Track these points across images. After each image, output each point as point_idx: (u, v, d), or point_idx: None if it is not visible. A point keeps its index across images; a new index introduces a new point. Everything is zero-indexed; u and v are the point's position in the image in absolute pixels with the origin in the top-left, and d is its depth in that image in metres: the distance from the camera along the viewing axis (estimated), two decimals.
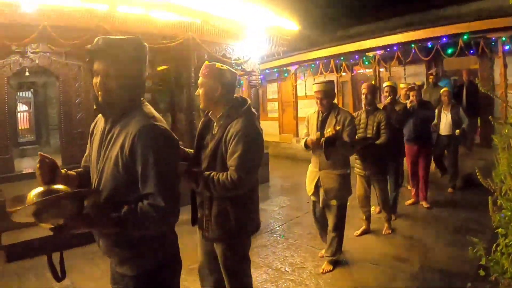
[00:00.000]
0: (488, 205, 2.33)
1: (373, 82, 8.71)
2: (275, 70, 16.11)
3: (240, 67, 10.08)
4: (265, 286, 4.73)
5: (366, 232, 6.27)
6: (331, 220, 5.06)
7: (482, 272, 2.31)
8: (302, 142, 5.16)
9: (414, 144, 7.63)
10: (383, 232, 6.28)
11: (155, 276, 2.27)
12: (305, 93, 14.95)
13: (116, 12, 7.12)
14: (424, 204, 7.72)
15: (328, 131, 4.60)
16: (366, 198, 6.22)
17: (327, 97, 4.96)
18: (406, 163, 7.78)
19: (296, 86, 15.58)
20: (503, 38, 9.25)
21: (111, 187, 2.14)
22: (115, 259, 2.30)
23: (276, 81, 17.99)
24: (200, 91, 3.06)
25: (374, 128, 5.94)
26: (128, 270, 2.25)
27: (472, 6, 10.11)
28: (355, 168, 6.11)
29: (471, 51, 10.07)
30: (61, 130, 10.08)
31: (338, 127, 4.61)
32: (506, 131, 2.15)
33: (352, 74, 14.16)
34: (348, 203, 5.12)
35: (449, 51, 10.29)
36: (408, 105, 7.34)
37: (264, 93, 19.41)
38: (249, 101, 3.14)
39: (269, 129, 16.29)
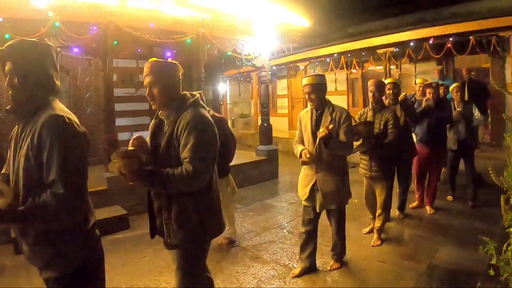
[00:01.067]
0: (496, 204, 2.32)
1: (384, 79, 8.46)
2: (285, 66, 16.07)
3: (250, 63, 10.11)
4: (272, 282, 4.73)
5: (373, 230, 6.08)
6: (333, 224, 4.95)
7: (492, 272, 2.30)
8: (297, 151, 4.74)
9: (426, 146, 7.06)
10: (372, 244, 5.78)
11: (79, 276, 2.34)
12: None
13: (127, 8, 7.17)
14: (428, 209, 7.24)
15: (321, 131, 4.26)
16: (372, 199, 6.04)
17: (316, 91, 4.48)
18: (414, 163, 7.32)
19: None
20: None
21: (27, 183, 2.22)
22: (39, 263, 2.33)
23: (286, 77, 17.96)
24: (154, 91, 2.93)
25: (381, 127, 5.57)
26: (51, 272, 2.29)
27: (484, 4, 10.02)
28: (360, 169, 5.94)
29: (483, 50, 9.97)
30: None
31: (330, 126, 4.21)
32: None
33: (363, 71, 14.09)
34: (357, 200, 5.14)
35: (461, 49, 10.18)
36: (424, 104, 6.98)
37: (274, 89, 19.33)
38: (197, 95, 3.12)
39: (278, 125, 16.30)
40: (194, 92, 3.14)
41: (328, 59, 13.87)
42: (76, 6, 6.68)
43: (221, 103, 18.64)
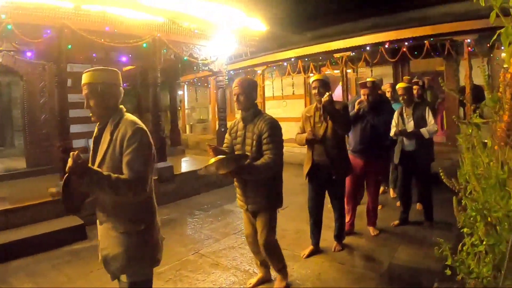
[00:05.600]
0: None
1: (341, 83, 8.42)
2: (243, 71, 16.07)
3: (207, 68, 10.08)
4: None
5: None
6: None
7: (448, 272, 2.32)
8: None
9: (360, 157, 6.11)
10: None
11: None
12: (273, 93, 14.99)
13: (81, 10, 7.01)
14: (371, 230, 6.34)
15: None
16: (254, 236, 4.58)
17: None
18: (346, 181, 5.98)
19: (263, 87, 15.55)
20: (469, 41, 9.41)
21: None
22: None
23: None
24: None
25: (254, 142, 4.17)
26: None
27: (439, 9, 10.25)
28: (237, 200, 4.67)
29: (437, 53, 10.19)
30: (25, 132, 9.90)
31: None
32: (470, 131, 2.17)
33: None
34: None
35: (416, 53, 10.38)
36: (356, 107, 6.06)
37: (231, 93, 19.07)
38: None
39: None
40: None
41: (285, 63, 13.93)
42: (29, 8, 6.47)
43: (179, 108, 18.49)
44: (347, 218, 6.22)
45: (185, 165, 11.09)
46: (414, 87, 7.06)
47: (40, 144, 9.81)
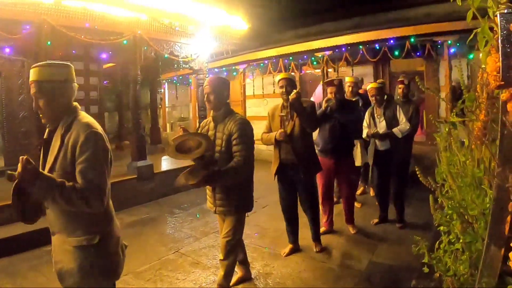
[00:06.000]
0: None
1: (321, 81, 8.38)
2: (224, 69, 16.05)
3: (188, 66, 10.03)
4: (213, 287, 4.66)
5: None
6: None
7: (426, 270, 2.34)
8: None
9: (330, 157, 6.01)
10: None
11: None
12: (253, 92, 14.95)
13: (61, 6, 6.91)
14: (350, 228, 6.34)
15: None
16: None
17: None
18: (318, 180, 5.97)
19: (244, 86, 15.54)
20: (449, 42, 9.51)
21: None
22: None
23: None
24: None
25: (223, 143, 4.07)
26: None
27: (420, 10, 10.32)
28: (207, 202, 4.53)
29: (418, 54, 10.28)
30: (3, 129, 9.76)
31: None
32: (446, 129, 2.20)
33: (301, 74, 14.23)
34: None
35: (396, 53, 10.45)
36: (323, 105, 5.80)
37: None
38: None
39: None
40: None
41: (266, 62, 13.92)
42: (8, 3, 6.34)
43: (160, 106, 18.40)
44: (324, 218, 6.27)
45: (165, 163, 10.99)
46: (399, 86, 7.12)
47: (18, 142, 9.68)
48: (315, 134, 5.87)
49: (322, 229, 6.11)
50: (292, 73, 5.75)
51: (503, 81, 1.45)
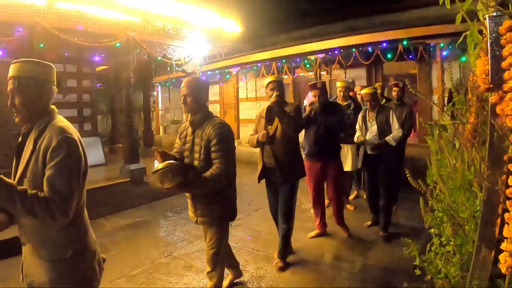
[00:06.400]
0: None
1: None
2: (217, 72, 16.06)
3: (181, 68, 10.02)
4: None
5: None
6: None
7: (418, 272, 2.35)
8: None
9: (316, 161, 5.97)
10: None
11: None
12: (246, 95, 14.99)
13: (54, 8, 6.89)
14: (343, 231, 6.27)
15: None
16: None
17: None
18: (308, 183, 6.15)
19: (237, 88, 15.57)
20: (441, 44, 9.57)
21: None
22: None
23: (218, 83, 17.91)
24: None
25: (202, 150, 3.82)
26: None
27: (413, 13, 10.37)
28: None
29: (410, 56, 10.32)
30: None
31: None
32: (437, 132, 2.21)
33: (294, 77, 14.26)
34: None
35: (389, 55, 10.50)
36: (307, 109, 5.88)
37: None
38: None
39: None
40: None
41: (259, 65, 13.95)
42: (1, 5, 6.32)
43: (153, 109, 18.39)
44: (316, 221, 6.22)
45: None
46: (394, 89, 7.20)
47: (9, 145, 9.63)
48: (301, 137, 5.84)
49: (315, 232, 6.18)
50: (280, 76, 5.35)
51: (492, 84, 1.46)
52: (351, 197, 8.13)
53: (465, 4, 1.67)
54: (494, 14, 1.46)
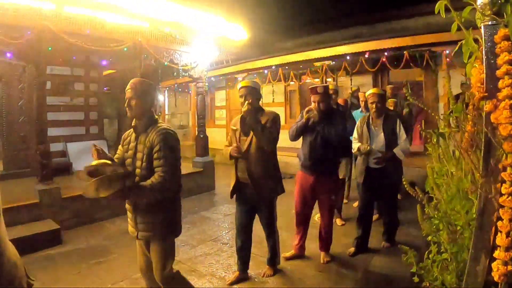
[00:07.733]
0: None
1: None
2: (224, 77, 16.09)
3: (187, 74, 10.06)
4: None
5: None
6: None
7: (416, 279, 2.36)
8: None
9: (310, 173, 5.33)
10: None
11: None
12: None
13: (63, 13, 6.94)
14: (322, 256, 5.57)
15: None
16: (148, 268, 3.93)
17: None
18: (295, 196, 5.59)
19: None
20: (447, 52, 9.54)
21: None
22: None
23: (224, 89, 17.95)
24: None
25: (144, 157, 3.52)
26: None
27: (419, 21, 10.37)
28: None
29: (417, 64, 10.31)
30: (3, 134, 9.78)
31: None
32: (435, 140, 2.22)
33: (300, 83, 14.26)
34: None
35: (395, 63, 10.50)
36: (304, 116, 5.15)
37: (213, 100, 19.21)
38: None
39: (216, 137, 16.23)
40: None
41: (266, 71, 13.96)
42: (10, 8, 6.35)
43: (159, 114, 18.42)
44: (296, 241, 5.68)
45: None
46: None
47: (17, 146, 9.69)
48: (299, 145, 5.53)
49: (290, 253, 5.66)
50: (255, 81, 4.45)
51: (486, 92, 1.47)
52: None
53: (465, 12, 1.69)
54: (489, 23, 1.48)
